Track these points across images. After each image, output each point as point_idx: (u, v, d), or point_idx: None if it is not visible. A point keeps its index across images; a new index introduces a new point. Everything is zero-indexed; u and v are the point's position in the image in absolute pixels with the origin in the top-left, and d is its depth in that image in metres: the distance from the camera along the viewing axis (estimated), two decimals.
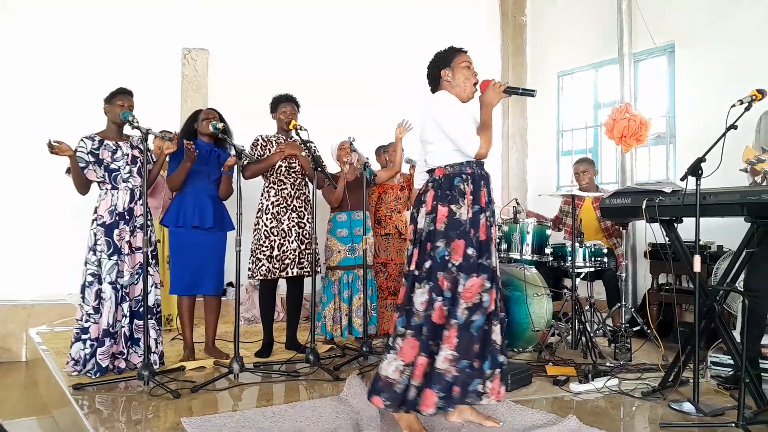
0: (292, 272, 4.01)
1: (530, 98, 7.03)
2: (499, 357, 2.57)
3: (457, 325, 2.45)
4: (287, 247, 4.01)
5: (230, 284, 5.47)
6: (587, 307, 4.34)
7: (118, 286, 3.49)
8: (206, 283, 3.84)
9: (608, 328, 4.34)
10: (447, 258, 2.49)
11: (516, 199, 4.79)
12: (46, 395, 3.82)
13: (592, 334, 4.08)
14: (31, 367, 4.67)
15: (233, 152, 3.53)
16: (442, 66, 2.72)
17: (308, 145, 3.81)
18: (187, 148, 3.58)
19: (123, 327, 3.52)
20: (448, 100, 2.64)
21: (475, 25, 7.16)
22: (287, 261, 4.00)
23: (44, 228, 5.18)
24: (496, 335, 2.56)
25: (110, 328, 3.44)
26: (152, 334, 3.55)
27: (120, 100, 3.53)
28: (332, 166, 4.57)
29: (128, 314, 3.53)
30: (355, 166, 4.32)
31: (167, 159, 3.73)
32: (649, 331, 4.24)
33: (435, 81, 2.76)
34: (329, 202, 4.39)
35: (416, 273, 2.55)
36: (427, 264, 2.52)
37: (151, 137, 3.43)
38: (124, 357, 3.53)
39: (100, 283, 3.46)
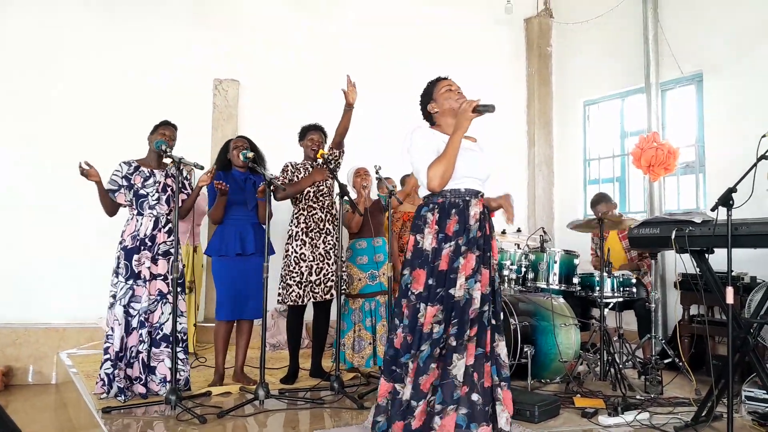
0: (331, 295, 4.04)
1: (557, 127, 7.23)
2: (455, 393, 2.42)
3: (415, 353, 2.48)
4: (328, 270, 4.04)
5: None
6: (616, 338, 4.27)
7: (132, 311, 3.54)
8: (249, 308, 3.90)
9: (638, 359, 4.26)
10: (409, 286, 2.56)
11: (543, 228, 4.76)
12: (75, 418, 3.86)
13: (621, 366, 4.01)
14: (61, 389, 4.74)
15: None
16: (427, 102, 2.78)
17: (335, 173, 3.87)
18: (216, 187, 3.68)
19: (141, 353, 3.54)
20: (418, 133, 2.66)
21: (500, 55, 7.24)
22: (329, 283, 4.03)
23: (76, 252, 5.31)
24: (457, 370, 2.45)
25: (120, 352, 3.48)
26: (165, 361, 3.57)
27: (163, 129, 3.68)
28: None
29: (147, 340, 3.56)
30: (373, 192, 4.39)
31: (205, 191, 3.84)
32: (680, 363, 4.14)
33: (429, 119, 2.81)
34: (348, 229, 4.42)
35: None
36: (400, 291, 2.62)
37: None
38: (141, 383, 3.52)
39: (114, 306, 3.54)
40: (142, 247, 3.59)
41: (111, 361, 3.48)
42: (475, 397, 2.43)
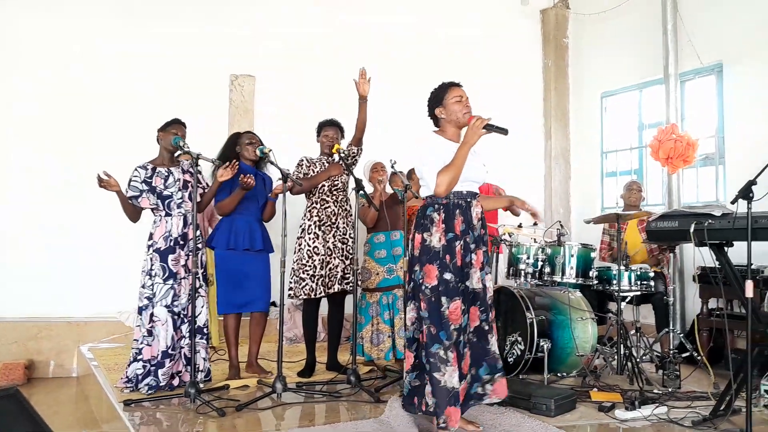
0: (340, 287, 4.05)
1: (574, 119, 7.17)
2: (498, 363, 2.89)
3: (450, 344, 2.70)
4: (333, 264, 4.06)
5: (273, 304, 5.54)
6: (633, 332, 4.24)
7: (176, 310, 3.61)
8: (256, 301, 3.95)
9: (656, 353, 4.22)
10: (421, 281, 2.76)
11: (560, 221, 4.73)
12: (96, 410, 3.93)
13: (638, 360, 3.98)
14: (81, 382, 4.82)
15: (279, 176, 3.61)
16: (436, 105, 2.94)
17: (350, 169, 3.88)
18: (244, 180, 3.70)
19: (183, 348, 3.63)
20: (426, 142, 2.87)
21: (516, 47, 7.18)
22: (333, 278, 4.05)
23: (96, 249, 5.37)
24: (492, 345, 2.88)
25: (169, 350, 3.55)
26: (201, 352, 3.65)
27: (174, 128, 3.71)
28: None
29: (187, 335, 3.63)
30: (387, 186, 4.41)
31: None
32: (699, 357, 4.11)
33: (435, 119, 2.98)
34: (364, 223, 4.43)
35: (409, 293, 2.90)
36: (411, 285, 2.85)
37: (201, 162, 3.56)
38: (180, 375, 3.64)
39: (154, 306, 3.58)
40: (177, 247, 3.64)
41: (144, 362, 3.53)
42: (500, 364, 2.92)
